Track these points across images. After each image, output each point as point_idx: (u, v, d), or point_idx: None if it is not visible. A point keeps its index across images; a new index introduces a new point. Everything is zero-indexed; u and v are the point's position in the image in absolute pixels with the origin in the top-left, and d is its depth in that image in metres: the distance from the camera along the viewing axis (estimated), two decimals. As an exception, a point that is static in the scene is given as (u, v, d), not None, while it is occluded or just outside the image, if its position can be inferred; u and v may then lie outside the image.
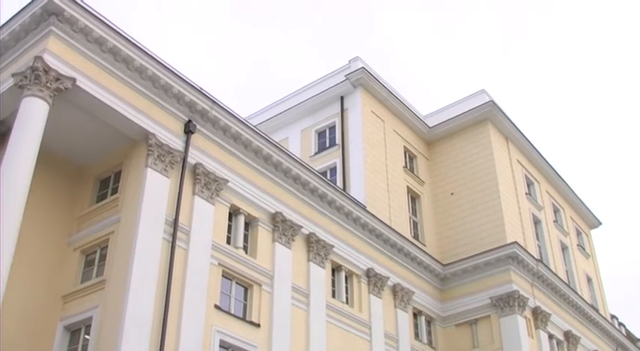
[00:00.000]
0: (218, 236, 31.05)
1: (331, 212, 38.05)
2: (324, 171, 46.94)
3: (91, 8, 28.00)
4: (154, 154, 29.22)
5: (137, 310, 25.83)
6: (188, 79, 31.40)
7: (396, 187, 47.48)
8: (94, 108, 28.44)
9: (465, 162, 51.17)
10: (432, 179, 52.11)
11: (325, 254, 36.48)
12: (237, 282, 31.61)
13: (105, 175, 31.40)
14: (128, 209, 28.52)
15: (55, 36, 27.14)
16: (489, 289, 44.21)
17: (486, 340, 43.30)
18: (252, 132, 34.08)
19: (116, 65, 28.98)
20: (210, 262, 30.03)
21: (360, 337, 37.15)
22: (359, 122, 47.38)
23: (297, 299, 33.82)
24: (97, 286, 27.59)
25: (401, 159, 49.96)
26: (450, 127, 52.88)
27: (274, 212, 34.34)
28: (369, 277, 39.41)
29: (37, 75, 26.00)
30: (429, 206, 50.56)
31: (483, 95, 53.42)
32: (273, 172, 35.02)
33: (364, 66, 49.20)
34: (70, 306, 28.09)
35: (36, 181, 25.86)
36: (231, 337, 29.64)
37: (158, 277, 27.31)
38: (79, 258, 29.48)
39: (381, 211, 43.50)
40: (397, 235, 42.37)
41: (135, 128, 29.43)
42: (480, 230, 47.45)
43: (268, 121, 52.85)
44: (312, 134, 50.35)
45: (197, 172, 30.91)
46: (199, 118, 31.84)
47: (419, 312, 43.62)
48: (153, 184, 28.78)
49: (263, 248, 33.34)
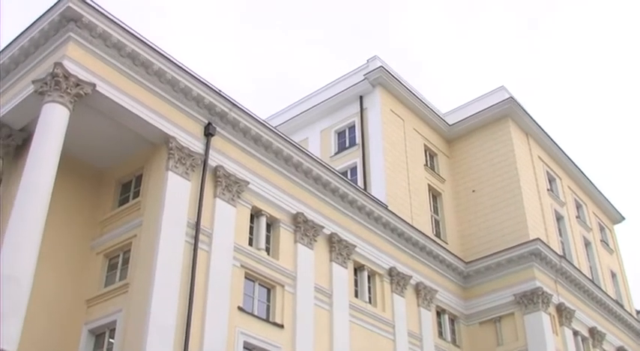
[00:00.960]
0: (240, 238, 31.10)
1: (353, 212, 38.02)
2: (345, 171, 46.91)
3: (109, 13, 28.14)
4: (175, 157, 29.31)
5: (161, 313, 25.92)
6: (207, 82, 31.47)
7: (416, 185, 47.39)
8: (114, 112, 28.58)
9: (486, 159, 51.02)
10: (453, 177, 51.98)
11: (347, 254, 36.47)
12: (259, 283, 31.65)
13: (126, 178, 31.53)
14: (150, 213, 28.63)
15: (74, 42, 27.30)
16: (512, 287, 44.01)
17: (511, 338, 43.12)
18: (272, 133, 34.12)
19: (135, 69, 29.10)
20: (233, 264, 30.08)
21: (383, 336, 37.10)
22: (378, 121, 47.33)
23: (320, 299, 33.81)
24: (120, 290, 27.73)
25: (421, 157, 49.85)
26: (470, 124, 52.73)
27: (296, 213, 34.37)
28: (391, 277, 39.36)
29: (57, 81, 26.16)
30: (451, 204, 50.43)
31: (503, 92, 53.21)
32: (294, 173, 35.04)
33: (383, 65, 49.15)
34: (94, 310, 28.23)
35: (58, 186, 26.06)
36: (255, 339, 29.68)
37: (181, 279, 27.40)
38: (102, 262, 29.63)
39: (402, 210, 43.43)
40: (419, 233, 42.30)
41: (155, 132, 29.54)
42: (502, 227, 47.29)
43: (288, 122, 52.91)
44: (332, 134, 50.35)
45: (218, 174, 30.97)
46: (219, 120, 31.90)
47: (442, 310, 43.52)
48: (174, 187, 28.89)
49: (285, 249, 33.35)
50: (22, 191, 24.63)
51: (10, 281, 22.66)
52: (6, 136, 29.10)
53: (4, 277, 22.75)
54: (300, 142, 43.73)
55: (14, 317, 22.26)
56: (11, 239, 23.58)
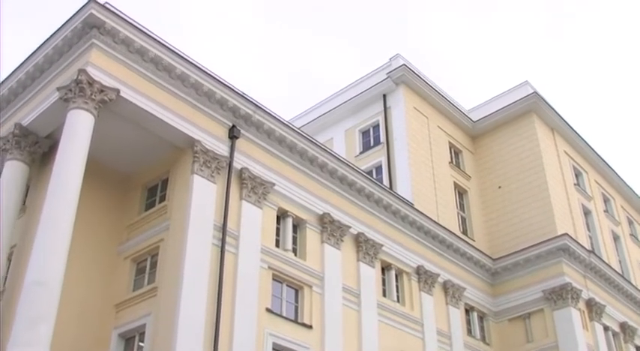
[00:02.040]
0: (267, 240, 31.15)
1: (379, 211, 37.98)
2: (370, 170, 46.89)
3: (131, 19, 28.29)
4: (200, 160, 29.41)
5: (190, 316, 26.01)
6: (230, 85, 31.54)
7: (442, 183, 47.28)
8: (138, 117, 28.73)
9: (511, 155, 50.79)
10: (479, 173, 51.79)
11: (374, 253, 36.42)
12: (287, 284, 31.69)
13: (152, 183, 31.68)
14: (177, 216, 28.74)
15: (98, 48, 27.48)
16: (541, 283, 43.76)
17: (540, 334, 42.86)
18: (297, 134, 34.15)
19: (158, 74, 29.23)
20: (260, 266, 30.13)
21: (412, 335, 37.01)
22: (402, 120, 47.26)
23: (348, 299, 33.79)
24: (148, 294, 27.86)
25: (446, 154, 49.73)
26: (495, 120, 52.52)
27: (322, 213, 34.38)
28: (419, 275, 39.28)
29: (81, 88, 26.35)
30: (477, 201, 50.27)
31: (527, 87, 52.99)
32: (319, 173, 35.05)
33: (405, 63, 49.10)
34: (124, 314, 28.38)
35: (85, 192, 26.25)
36: (284, 340, 29.72)
37: (209, 282, 27.48)
38: (130, 266, 29.80)
39: (428, 208, 43.33)
40: (446, 231, 42.21)
41: (180, 136, 29.65)
42: (529, 223, 47.05)
43: (312, 123, 52.97)
44: (356, 134, 50.34)
45: (243, 176, 31.04)
46: (243, 122, 31.96)
47: (471, 308, 43.37)
48: (200, 190, 28.99)
49: (312, 250, 33.37)
50: (50, 198, 24.87)
51: (40, 287, 22.95)
52: (32, 143, 29.33)
53: (34, 282, 23.03)
54: (324, 143, 43.76)
55: (45, 322, 22.49)
56: (40, 245, 23.83)
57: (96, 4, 27.24)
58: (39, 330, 22.26)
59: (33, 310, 22.59)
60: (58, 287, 23.35)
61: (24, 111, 29.90)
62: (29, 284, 23.12)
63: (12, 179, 28.62)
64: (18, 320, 22.64)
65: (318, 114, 53.71)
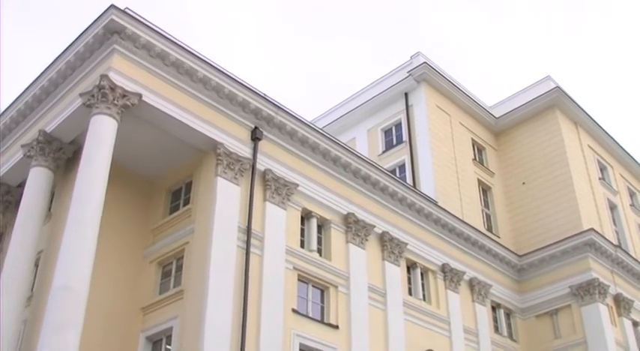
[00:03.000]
0: (291, 240, 31.19)
1: (403, 210, 37.93)
2: (393, 169, 46.87)
3: (151, 24, 28.41)
4: (223, 163, 29.48)
5: (216, 319, 26.10)
6: (252, 87, 31.59)
7: (466, 180, 47.16)
8: (161, 121, 28.85)
9: (535, 150, 50.58)
10: (503, 170, 51.60)
11: (399, 252, 36.38)
12: (313, 285, 31.71)
13: (176, 186, 31.80)
14: (201, 219, 28.83)
15: (119, 53, 27.61)
16: (568, 278, 43.54)
17: (568, 331, 42.65)
18: (319, 135, 34.17)
19: (180, 78, 29.32)
20: (286, 267, 30.18)
21: (439, 333, 36.93)
22: (425, 117, 47.18)
23: (373, 299, 33.77)
24: (175, 297, 27.96)
25: (469, 152, 49.61)
26: (517, 116, 52.31)
27: (346, 213, 34.37)
28: (444, 273, 39.20)
29: (103, 93, 26.50)
30: (501, 197, 50.08)
31: (549, 82, 52.72)
32: (343, 173, 35.04)
33: (426, 61, 49.00)
34: (150, 317, 28.51)
35: (109, 197, 26.41)
36: (311, 340, 29.76)
37: (235, 284, 27.55)
38: (155, 270, 29.95)
39: (452, 206, 43.23)
40: (470, 228, 42.08)
41: (203, 139, 29.75)
42: (554, 219, 46.83)
43: (334, 123, 53.00)
44: (379, 133, 50.32)
45: (267, 178, 31.09)
46: (265, 124, 32.01)
47: (497, 305, 43.23)
48: (224, 192, 29.06)
49: (337, 250, 33.37)
50: (75, 203, 25.04)
51: (67, 291, 23.11)
52: (56, 149, 29.52)
53: (62, 287, 23.19)
54: (347, 142, 43.72)
55: (72, 327, 22.63)
56: (67, 250, 23.99)
57: (116, 9, 27.38)
58: (67, 334, 22.40)
59: (60, 315, 22.75)
60: (85, 292, 23.51)
61: (47, 117, 30.10)
62: (56, 289, 23.28)
63: (37, 186, 28.83)
64: (46, 325, 22.80)
65: (339, 114, 53.73)
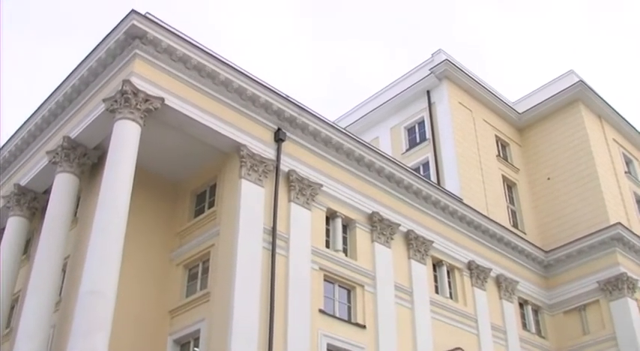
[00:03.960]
0: (317, 241, 31.20)
1: (428, 208, 37.84)
2: (417, 167, 46.81)
3: (172, 28, 28.50)
4: (247, 164, 29.53)
5: (243, 320, 26.15)
6: (274, 88, 31.62)
7: (490, 176, 47.00)
8: (184, 125, 28.94)
9: (559, 145, 50.33)
10: (527, 166, 51.39)
11: (425, 250, 36.31)
12: (339, 285, 31.69)
13: (200, 189, 31.89)
14: (226, 221, 28.88)
15: (141, 58, 27.72)
16: (596, 273, 43.27)
17: (597, 326, 42.40)
18: (343, 134, 34.16)
19: (202, 81, 29.40)
20: (312, 267, 30.19)
21: (466, 331, 36.80)
22: (448, 115, 47.11)
23: (400, 297, 33.71)
24: (201, 299, 28.03)
25: (493, 148, 49.45)
26: (541, 111, 52.11)
27: (371, 212, 34.33)
28: (471, 270, 39.08)
29: (126, 98, 26.63)
30: (526, 193, 49.88)
31: (572, 76, 52.47)
32: (367, 172, 35.01)
33: (447, 58, 48.90)
34: (178, 320, 28.61)
35: (135, 201, 26.53)
36: (338, 340, 29.73)
37: (261, 285, 27.58)
38: (182, 272, 30.04)
39: (477, 203, 43.10)
40: (496, 225, 41.92)
41: (226, 141, 29.81)
42: (581, 214, 46.58)
43: (356, 123, 53.04)
44: (402, 131, 50.27)
45: (291, 178, 31.11)
46: (288, 125, 32.03)
47: (525, 302, 43.04)
48: (248, 194, 29.11)
49: (362, 249, 33.34)
50: (101, 208, 25.17)
51: (95, 296, 23.25)
52: (81, 155, 29.67)
53: (89, 292, 23.35)
54: (370, 142, 43.73)
55: (101, 331, 22.77)
56: (94, 255, 24.14)
57: (137, 14, 27.48)
58: (95, 339, 22.52)
59: (89, 320, 22.87)
60: (113, 296, 23.63)
61: (72, 124, 30.28)
62: (84, 294, 23.43)
63: (63, 191, 28.99)
64: (74, 330, 22.94)
65: (362, 113, 53.76)
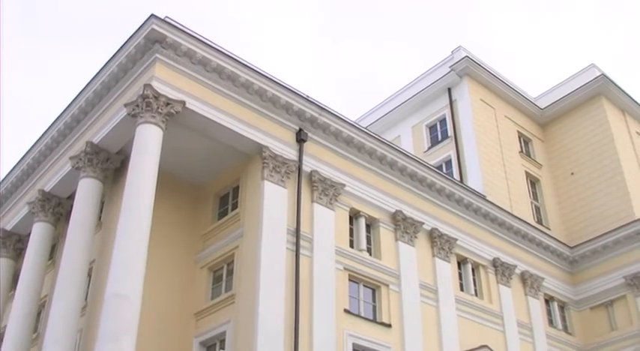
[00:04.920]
0: (341, 241, 31.18)
1: (451, 205, 37.75)
2: (440, 165, 46.70)
3: (191, 31, 28.58)
4: (269, 166, 29.56)
5: (268, 321, 26.19)
6: (294, 89, 31.64)
7: (513, 173, 46.83)
8: (205, 127, 29.01)
9: (582, 140, 50.06)
10: (550, 161, 51.15)
11: (449, 248, 36.22)
12: (364, 284, 31.67)
13: (223, 191, 31.96)
14: (250, 223, 28.93)
15: (161, 62, 27.83)
16: (622, 268, 42.97)
17: (624, 322, 42.12)
18: (364, 134, 34.13)
19: (222, 83, 29.45)
20: (336, 267, 30.18)
21: (492, 328, 36.68)
22: (469, 112, 46.94)
23: (425, 296, 33.64)
24: (227, 301, 28.12)
25: (515, 144, 49.27)
26: (563, 106, 51.84)
27: (394, 211, 34.27)
28: (495, 267, 38.94)
29: (147, 102, 26.74)
30: (550, 189, 49.65)
31: (593, 70, 52.19)
32: (389, 171, 34.95)
33: (468, 55, 48.73)
34: (203, 322, 28.71)
35: (158, 205, 26.65)
36: (364, 340, 29.70)
37: (286, 286, 27.62)
38: (207, 275, 30.14)
39: (501, 199, 42.93)
40: (520, 221, 41.76)
41: (248, 143, 29.85)
42: (605, 208, 46.31)
43: (378, 122, 52.98)
44: (424, 129, 50.15)
45: (313, 179, 31.12)
46: (309, 125, 32.03)
47: (550, 298, 42.86)
48: (271, 195, 29.14)
49: (387, 248, 33.30)
50: (125, 212, 25.28)
51: (120, 299, 23.34)
52: (104, 160, 29.83)
53: (115, 295, 23.45)
54: (392, 140, 43.75)
55: (127, 334, 22.87)
56: (118, 259, 24.26)
57: (157, 19, 27.58)
58: (122, 342, 22.62)
59: (115, 323, 22.97)
60: (139, 299, 23.72)
61: (94, 129, 30.44)
62: (110, 298, 23.53)
63: (87, 196, 29.15)
64: (101, 333, 23.04)
65: (383, 112, 53.69)
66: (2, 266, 35.09)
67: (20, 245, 35.52)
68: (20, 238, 35.71)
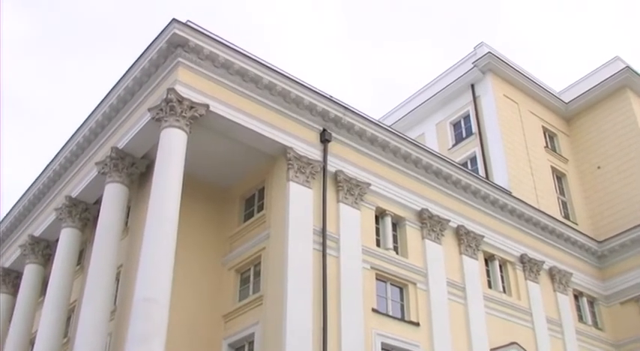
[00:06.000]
0: (367, 240, 31.15)
1: (477, 202, 37.61)
2: (465, 162, 46.54)
3: (213, 34, 28.65)
4: (294, 167, 29.58)
5: (297, 322, 26.21)
6: (318, 89, 31.63)
7: (539, 168, 46.59)
8: (229, 130, 29.07)
9: (608, 133, 49.68)
10: (576, 155, 50.81)
11: (476, 245, 36.09)
12: (391, 283, 31.61)
13: (249, 193, 32.00)
14: (276, 224, 28.96)
15: (184, 66, 27.91)
16: (652, 262, 42.70)
17: (656, 315, 41.85)
18: (388, 132, 34.08)
19: (245, 85, 29.49)
20: (363, 267, 30.15)
21: (521, 325, 36.50)
22: (493, 108, 46.75)
23: (453, 294, 33.54)
24: (255, 303, 28.17)
25: (541, 139, 49.02)
26: (587, 99, 51.47)
27: (420, 209, 34.19)
28: (523, 263, 38.75)
29: (171, 106, 26.84)
30: (576, 183, 49.35)
31: (618, 62, 51.75)
32: (414, 169, 34.88)
33: (490, 50, 48.54)
34: (232, 324, 28.78)
35: (184, 208, 26.73)
36: (392, 339, 29.65)
37: (313, 287, 27.62)
38: (234, 277, 30.21)
39: (527, 195, 42.73)
40: (547, 217, 41.54)
41: (272, 144, 29.89)
42: (634, 202, 45.93)
43: (402, 120, 52.90)
44: (448, 126, 50.01)
45: (338, 179, 31.11)
46: (333, 125, 32.02)
47: (580, 293, 42.59)
48: (297, 196, 29.15)
49: (413, 247, 33.23)
50: (151, 216, 25.39)
51: (149, 303, 23.44)
52: (129, 164, 29.98)
53: (144, 299, 23.54)
54: (416, 138, 43.73)
55: (156, 338, 22.95)
56: (146, 263, 24.37)
57: (178, 23, 27.67)
58: (151, 345, 22.70)
59: (144, 327, 23.07)
60: (167, 302, 23.81)
61: (119, 134, 30.59)
62: (139, 301, 23.63)
63: (113, 201, 29.31)
64: (130, 337, 23.15)
65: (406, 111, 53.58)
66: (31, 272, 35.39)
67: (48, 251, 35.83)
68: (48, 244, 36.01)
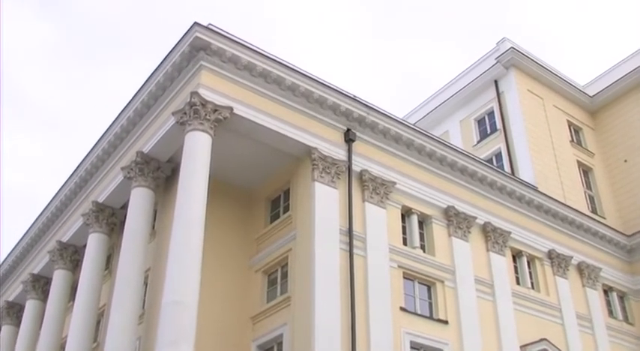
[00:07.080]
0: (394, 239, 31.08)
1: (503, 198, 37.43)
2: (490, 158, 46.38)
3: (235, 37, 28.69)
4: (319, 167, 29.57)
5: (325, 322, 26.17)
6: (341, 89, 31.60)
7: (565, 163, 46.35)
8: (253, 132, 29.11)
9: (634, 126, 49.31)
10: (602, 149, 50.49)
11: (503, 242, 35.93)
12: (419, 281, 31.52)
13: (274, 195, 32.03)
14: (302, 225, 28.96)
15: (207, 69, 27.99)
16: (682, 256, 42.32)
17: (688, 310, 41.51)
18: (412, 131, 34.00)
19: (268, 87, 29.52)
20: (390, 266, 30.07)
21: (551, 321, 36.28)
22: (517, 103, 46.54)
23: (481, 291, 33.40)
24: (282, 304, 28.18)
25: (566, 134, 48.77)
26: (612, 92, 51.14)
27: (446, 207, 34.08)
28: (551, 259, 38.51)
29: (195, 110, 26.92)
30: (603, 177, 49.04)
31: (642, 53, 51.46)
32: (439, 167, 34.77)
33: (513, 46, 48.33)
34: (260, 326, 28.81)
35: (210, 210, 26.82)
36: (421, 337, 29.56)
37: (341, 286, 27.58)
38: (261, 279, 30.23)
39: (553, 190, 42.50)
40: (574, 211, 41.28)
41: (296, 145, 29.90)
42: (661, 195, 45.70)
43: (425, 118, 52.83)
44: (472, 123, 49.85)
45: (364, 178, 31.07)
46: (357, 125, 31.98)
47: (609, 288, 42.28)
48: (322, 196, 29.13)
49: (440, 244, 33.12)
50: (178, 220, 25.50)
51: (177, 306, 23.53)
52: (155, 169, 30.11)
53: (172, 302, 23.65)
54: (440, 136, 43.52)
55: (185, 341, 23.05)
56: (174, 266, 24.46)
57: (200, 26, 27.76)
58: (181, 348, 22.80)
59: (173, 330, 23.16)
60: (195, 305, 23.90)
61: (143, 139, 30.74)
62: (167, 305, 23.74)
63: (140, 206, 29.46)
64: (160, 340, 23.27)
65: (430, 108, 53.50)
66: (60, 278, 35.62)
67: (77, 256, 36.05)
68: (76, 250, 36.24)
